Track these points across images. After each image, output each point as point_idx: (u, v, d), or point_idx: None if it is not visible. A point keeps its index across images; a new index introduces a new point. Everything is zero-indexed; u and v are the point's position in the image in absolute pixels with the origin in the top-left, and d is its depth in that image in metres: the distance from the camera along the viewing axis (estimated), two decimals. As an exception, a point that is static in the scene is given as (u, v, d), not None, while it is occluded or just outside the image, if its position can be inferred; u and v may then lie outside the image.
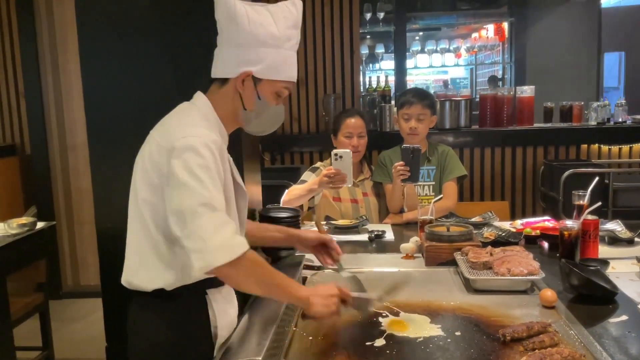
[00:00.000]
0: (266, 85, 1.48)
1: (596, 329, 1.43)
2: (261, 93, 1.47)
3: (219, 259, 1.26)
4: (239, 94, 1.47)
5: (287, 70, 1.50)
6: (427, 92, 3.01)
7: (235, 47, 1.45)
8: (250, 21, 1.43)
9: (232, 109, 1.50)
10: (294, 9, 1.52)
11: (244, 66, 1.45)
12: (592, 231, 1.94)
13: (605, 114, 4.23)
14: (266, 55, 1.45)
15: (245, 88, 1.46)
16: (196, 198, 1.28)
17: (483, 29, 7.04)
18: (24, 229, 2.90)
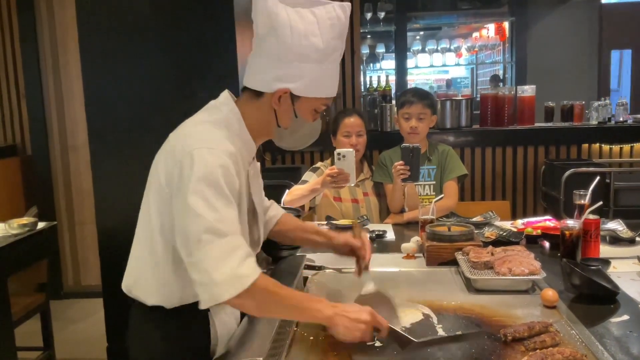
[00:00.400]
0: (304, 103, 1.37)
1: (597, 329, 1.43)
2: (298, 111, 1.37)
3: (225, 294, 1.19)
4: (274, 109, 1.37)
5: (328, 86, 1.38)
6: (427, 92, 3.00)
7: (274, 60, 1.33)
8: (292, 32, 1.30)
9: (265, 123, 1.40)
10: (343, 14, 1.38)
11: (282, 82, 1.33)
12: (594, 231, 1.94)
13: (607, 114, 4.23)
14: (307, 71, 1.32)
15: (282, 105, 1.35)
16: (202, 223, 1.20)
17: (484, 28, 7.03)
18: (24, 229, 2.90)
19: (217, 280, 1.19)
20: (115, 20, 2.22)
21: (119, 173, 2.31)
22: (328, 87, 1.39)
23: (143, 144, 2.14)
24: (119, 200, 2.31)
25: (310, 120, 1.42)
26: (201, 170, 1.22)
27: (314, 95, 1.36)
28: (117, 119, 2.28)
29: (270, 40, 1.32)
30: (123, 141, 2.30)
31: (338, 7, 1.38)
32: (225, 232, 1.21)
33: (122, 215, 2.33)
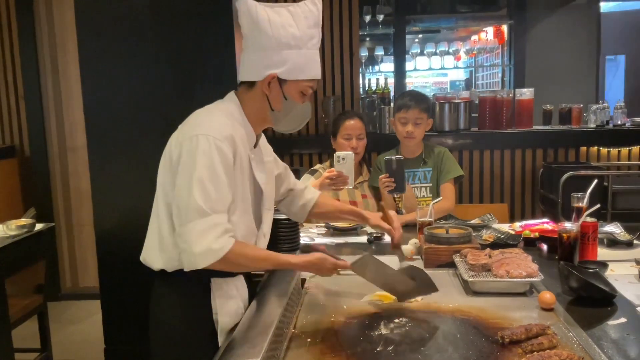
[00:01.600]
0: (291, 86, 1.56)
1: (595, 332, 1.43)
2: (287, 93, 1.56)
3: (201, 263, 1.44)
4: (266, 95, 1.56)
5: (310, 69, 1.57)
6: (424, 96, 3.01)
7: (260, 51, 1.54)
8: (272, 25, 1.51)
9: (261, 110, 1.59)
10: (314, 7, 1.59)
11: (268, 69, 1.53)
12: (591, 233, 1.94)
13: (605, 117, 4.24)
14: (289, 56, 1.52)
15: (272, 90, 1.55)
16: (191, 202, 1.42)
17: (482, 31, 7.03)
18: (22, 231, 2.89)
19: (196, 252, 1.43)
20: (114, 23, 2.23)
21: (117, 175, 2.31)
22: (310, 69, 1.57)
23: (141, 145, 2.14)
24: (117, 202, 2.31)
25: (299, 102, 1.59)
26: (198, 154, 1.43)
27: (298, 77, 1.55)
28: (116, 121, 2.28)
29: (254, 35, 1.54)
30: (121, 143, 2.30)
31: (310, 2, 1.60)
32: (209, 212, 1.44)
33: (120, 217, 2.33)
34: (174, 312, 1.57)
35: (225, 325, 1.57)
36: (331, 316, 1.60)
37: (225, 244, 1.46)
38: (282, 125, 1.64)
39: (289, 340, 1.46)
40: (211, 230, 1.44)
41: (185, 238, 1.44)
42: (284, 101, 1.56)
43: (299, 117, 1.64)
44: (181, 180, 1.45)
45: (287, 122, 1.63)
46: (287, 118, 1.61)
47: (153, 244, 1.58)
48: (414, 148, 2.90)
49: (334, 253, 1.80)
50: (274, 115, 1.59)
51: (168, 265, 1.55)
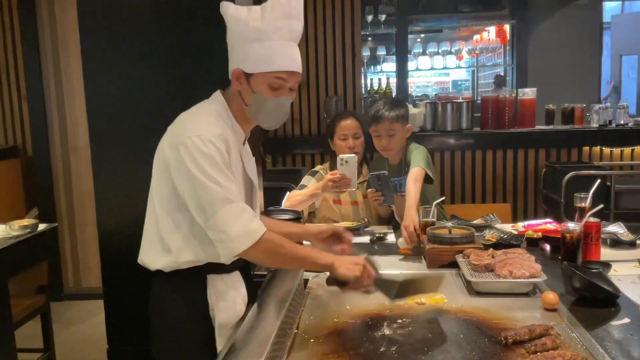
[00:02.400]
0: (257, 79, 1.52)
1: (598, 332, 1.43)
2: (254, 87, 1.52)
3: (240, 246, 1.44)
4: (239, 93, 1.56)
5: (276, 61, 1.51)
6: (397, 102, 2.79)
7: (230, 48, 1.56)
8: (236, 21, 1.51)
9: (239, 106, 1.58)
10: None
11: (234, 65, 1.54)
12: (594, 234, 1.94)
13: (607, 117, 4.23)
14: (251, 49, 1.50)
15: (242, 84, 1.54)
16: (211, 193, 1.42)
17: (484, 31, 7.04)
18: (25, 231, 2.90)
19: (232, 236, 1.43)
20: (116, 23, 2.22)
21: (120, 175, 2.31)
22: (276, 61, 1.51)
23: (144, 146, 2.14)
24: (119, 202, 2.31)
25: (270, 96, 1.53)
26: (198, 154, 1.43)
27: (262, 70, 1.51)
28: (118, 121, 2.28)
29: (228, 35, 1.56)
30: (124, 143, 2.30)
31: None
32: (232, 199, 1.44)
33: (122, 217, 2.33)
34: (173, 310, 1.58)
35: (222, 321, 1.57)
36: (334, 317, 1.60)
37: (260, 226, 1.47)
38: (260, 121, 1.62)
39: (292, 340, 1.46)
40: (243, 214, 1.45)
41: (219, 227, 1.43)
42: (252, 95, 1.53)
43: (275, 113, 1.58)
44: (190, 183, 1.44)
45: (263, 117, 1.59)
46: (263, 113, 1.57)
47: (152, 246, 1.57)
48: (395, 156, 2.79)
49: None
50: (248, 110, 1.57)
51: (167, 265, 1.55)
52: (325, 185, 2.52)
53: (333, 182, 2.48)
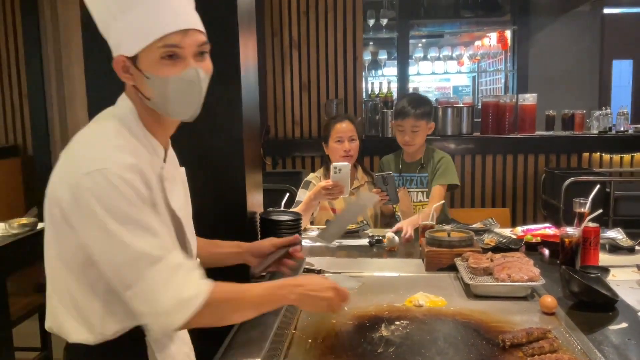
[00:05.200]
0: (144, 59, 1.14)
1: (596, 336, 1.43)
2: (146, 70, 1.15)
3: (175, 322, 1.11)
4: (134, 87, 1.20)
5: (152, 27, 1.13)
6: (423, 100, 2.92)
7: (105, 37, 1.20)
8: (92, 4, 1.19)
9: (143, 107, 1.21)
10: None
11: (114, 54, 1.18)
12: (593, 239, 1.94)
13: (607, 123, 4.24)
14: (121, 26, 1.14)
15: (132, 75, 1.17)
16: (132, 253, 1.08)
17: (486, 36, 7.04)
18: (24, 229, 2.90)
19: (164, 309, 1.10)
20: (119, 22, 2.23)
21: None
22: (153, 27, 1.13)
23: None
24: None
25: (168, 74, 1.15)
26: (104, 196, 1.06)
27: (143, 44, 1.13)
28: (119, 121, 2.29)
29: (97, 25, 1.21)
30: (125, 143, 2.31)
31: None
32: (159, 256, 1.10)
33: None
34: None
35: None
36: (332, 317, 1.60)
37: (198, 288, 1.13)
38: (172, 111, 1.20)
39: (289, 341, 1.46)
40: (173, 277, 1.10)
41: (143, 298, 1.09)
42: (148, 82, 1.15)
43: (184, 94, 1.18)
44: (101, 240, 1.08)
45: (174, 105, 1.18)
46: (170, 100, 1.17)
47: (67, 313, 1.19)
48: (414, 153, 2.90)
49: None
50: (153, 104, 1.18)
51: (91, 340, 1.17)
52: (318, 193, 2.53)
53: (326, 189, 2.50)
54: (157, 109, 1.20)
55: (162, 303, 1.09)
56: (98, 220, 1.07)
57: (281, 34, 4.43)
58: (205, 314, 1.12)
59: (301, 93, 4.42)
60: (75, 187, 1.08)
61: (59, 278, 1.20)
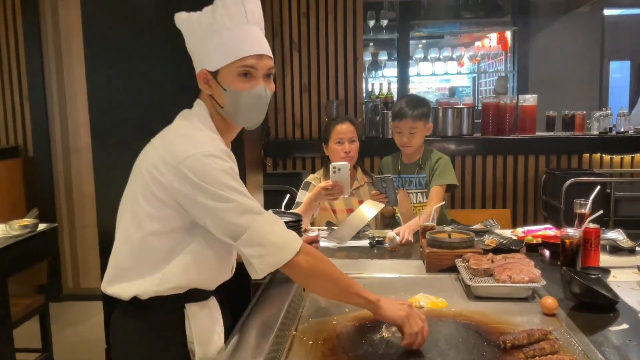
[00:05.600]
0: (224, 74, 1.41)
1: (597, 337, 1.43)
2: (224, 83, 1.41)
3: (282, 259, 1.34)
4: (210, 97, 1.46)
5: (237, 48, 1.40)
6: (421, 101, 2.89)
7: (191, 55, 1.48)
8: (188, 24, 1.45)
9: (216, 113, 1.48)
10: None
11: (198, 67, 1.45)
12: (594, 240, 1.94)
13: (608, 124, 4.24)
14: (210, 44, 1.41)
15: (211, 86, 1.44)
16: (238, 208, 1.31)
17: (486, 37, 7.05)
18: (25, 231, 2.90)
19: (271, 250, 1.33)
20: (120, 25, 2.23)
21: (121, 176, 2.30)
22: (236, 49, 1.40)
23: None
24: (120, 203, 2.32)
25: (243, 88, 1.42)
26: (212, 170, 1.31)
27: (225, 62, 1.40)
28: (120, 122, 2.29)
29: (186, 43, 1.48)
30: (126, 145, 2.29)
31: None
32: (260, 210, 1.35)
33: (123, 218, 2.32)
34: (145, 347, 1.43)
35: (202, 353, 1.44)
36: (333, 319, 1.60)
37: (297, 236, 1.38)
38: (241, 120, 1.48)
39: (290, 342, 1.46)
40: (275, 224, 1.36)
41: (255, 241, 1.31)
42: (225, 93, 1.41)
43: (254, 107, 1.45)
44: (213, 202, 1.31)
45: (243, 115, 1.45)
46: (241, 110, 1.44)
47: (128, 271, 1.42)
48: (412, 155, 2.88)
49: None
50: (226, 112, 1.45)
51: (146, 290, 1.40)
52: (319, 194, 2.53)
53: (326, 189, 2.50)
54: (228, 116, 1.46)
55: (272, 242, 1.33)
56: (207, 190, 1.30)
57: (281, 35, 4.43)
58: (301, 261, 1.35)
59: (301, 94, 4.42)
60: (178, 167, 1.32)
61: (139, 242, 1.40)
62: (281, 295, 1.68)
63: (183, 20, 1.46)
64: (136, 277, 1.41)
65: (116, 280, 1.44)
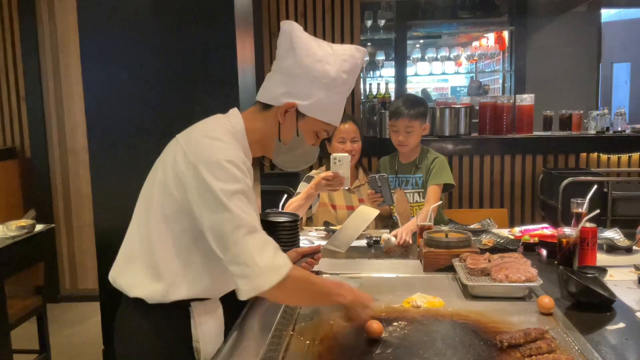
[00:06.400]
0: (308, 123, 1.45)
1: (593, 336, 1.43)
2: (301, 128, 1.45)
3: (266, 284, 1.29)
4: (278, 123, 1.45)
5: (333, 113, 1.47)
6: (418, 101, 2.92)
7: (288, 77, 1.44)
8: (309, 54, 1.42)
9: (266, 137, 1.47)
10: (358, 54, 1.50)
11: (291, 97, 1.43)
12: (591, 239, 1.94)
13: (605, 123, 4.25)
14: (317, 93, 1.43)
15: (287, 119, 1.44)
16: (235, 221, 1.29)
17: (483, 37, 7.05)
18: (22, 231, 2.90)
19: (257, 272, 1.28)
20: (116, 25, 2.23)
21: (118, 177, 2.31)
22: (333, 114, 1.47)
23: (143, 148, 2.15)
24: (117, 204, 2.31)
25: (310, 142, 1.49)
26: (224, 176, 1.30)
27: (318, 117, 1.45)
28: (117, 123, 2.29)
29: (288, 59, 1.44)
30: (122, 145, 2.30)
31: (354, 47, 1.51)
32: (254, 227, 1.31)
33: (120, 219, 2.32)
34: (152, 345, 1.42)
35: (206, 352, 1.44)
36: (330, 319, 1.60)
37: (286, 261, 1.34)
38: (282, 161, 1.52)
39: (287, 342, 1.46)
40: (267, 246, 1.32)
41: (242, 259, 1.28)
42: (294, 136, 1.45)
43: (303, 158, 1.53)
44: (213, 207, 1.30)
45: (288, 158, 1.51)
46: (291, 154, 1.49)
47: (137, 269, 1.41)
48: (409, 154, 2.89)
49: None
50: (279, 147, 1.47)
51: (152, 297, 1.39)
52: (319, 184, 2.53)
53: (326, 180, 2.50)
54: (276, 149, 1.49)
55: (257, 265, 1.28)
56: (212, 193, 1.29)
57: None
58: (286, 285, 1.31)
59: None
60: (196, 165, 1.31)
61: (146, 236, 1.39)
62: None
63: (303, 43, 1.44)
64: (142, 277, 1.39)
65: (125, 271, 1.44)
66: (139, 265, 1.40)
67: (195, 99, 2.18)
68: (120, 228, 2.30)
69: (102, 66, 2.26)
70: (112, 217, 2.33)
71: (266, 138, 1.47)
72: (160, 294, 1.38)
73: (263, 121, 1.46)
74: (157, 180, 1.41)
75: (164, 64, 2.22)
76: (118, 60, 2.24)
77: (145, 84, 2.24)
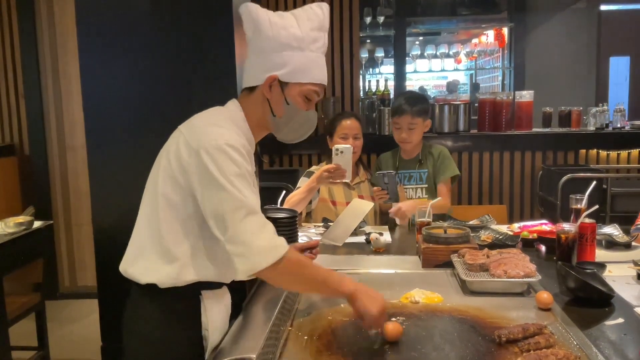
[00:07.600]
0: (293, 89, 1.46)
1: (592, 332, 1.43)
2: (289, 97, 1.46)
3: (263, 262, 1.31)
4: (267, 100, 1.47)
5: (314, 72, 1.47)
6: (420, 98, 2.96)
7: (260, 54, 1.46)
8: (272, 25, 1.44)
9: (262, 116, 1.49)
10: (320, 11, 1.51)
11: (269, 71, 1.44)
12: (589, 234, 1.94)
13: (604, 120, 4.24)
14: (290, 58, 1.44)
15: (273, 93, 1.46)
16: (235, 202, 1.31)
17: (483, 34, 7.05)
18: (21, 228, 2.89)
19: (255, 250, 1.31)
20: (114, 22, 2.22)
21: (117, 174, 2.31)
22: (314, 73, 1.47)
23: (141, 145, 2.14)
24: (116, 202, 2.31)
25: (302, 108, 1.49)
26: (223, 159, 1.32)
27: (300, 80, 1.46)
28: (115, 120, 2.28)
29: (255, 38, 1.47)
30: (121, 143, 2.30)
31: (315, 4, 1.53)
32: (254, 209, 1.33)
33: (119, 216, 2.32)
34: (162, 333, 1.43)
35: (213, 341, 1.46)
36: (328, 314, 1.60)
37: (283, 242, 1.36)
38: (284, 134, 1.53)
39: (285, 337, 1.46)
40: (266, 227, 1.35)
41: (240, 239, 1.31)
42: (285, 106, 1.46)
43: (303, 126, 1.53)
44: (213, 190, 1.32)
45: (289, 130, 1.52)
46: (290, 126, 1.50)
47: (148, 256, 1.43)
48: (412, 150, 2.92)
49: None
50: (275, 122, 1.48)
51: (164, 280, 1.40)
52: (320, 177, 2.54)
53: (328, 172, 2.51)
54: (274, 126, 1.50)
55: (256, 245, 1.31)
56: (212, 177, 1.31)
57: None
58: (282, 267, 1.33)
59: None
60: (197, 151, 1.34)
61: (155, 224, 1.41)
62: (276, 290, 1.68)
63: (263, 18, 1.45)
64: (153, 262, 1.41)
65: (136, 260, 1.45)
66: (150, 253, 1.42)
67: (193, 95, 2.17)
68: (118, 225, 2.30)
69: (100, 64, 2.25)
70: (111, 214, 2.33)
71: (262, 118, 1.50)
72: (172, 276, 1.40)
73: (253, 103, 1.49)
74: (162, 168, 1.43)
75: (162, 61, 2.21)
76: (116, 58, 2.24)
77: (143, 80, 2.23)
